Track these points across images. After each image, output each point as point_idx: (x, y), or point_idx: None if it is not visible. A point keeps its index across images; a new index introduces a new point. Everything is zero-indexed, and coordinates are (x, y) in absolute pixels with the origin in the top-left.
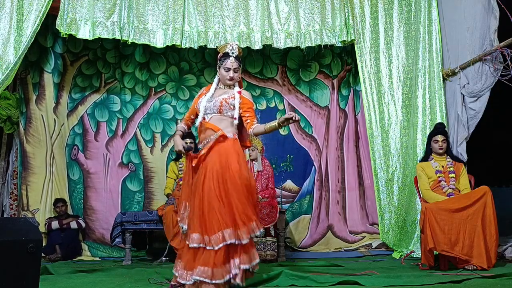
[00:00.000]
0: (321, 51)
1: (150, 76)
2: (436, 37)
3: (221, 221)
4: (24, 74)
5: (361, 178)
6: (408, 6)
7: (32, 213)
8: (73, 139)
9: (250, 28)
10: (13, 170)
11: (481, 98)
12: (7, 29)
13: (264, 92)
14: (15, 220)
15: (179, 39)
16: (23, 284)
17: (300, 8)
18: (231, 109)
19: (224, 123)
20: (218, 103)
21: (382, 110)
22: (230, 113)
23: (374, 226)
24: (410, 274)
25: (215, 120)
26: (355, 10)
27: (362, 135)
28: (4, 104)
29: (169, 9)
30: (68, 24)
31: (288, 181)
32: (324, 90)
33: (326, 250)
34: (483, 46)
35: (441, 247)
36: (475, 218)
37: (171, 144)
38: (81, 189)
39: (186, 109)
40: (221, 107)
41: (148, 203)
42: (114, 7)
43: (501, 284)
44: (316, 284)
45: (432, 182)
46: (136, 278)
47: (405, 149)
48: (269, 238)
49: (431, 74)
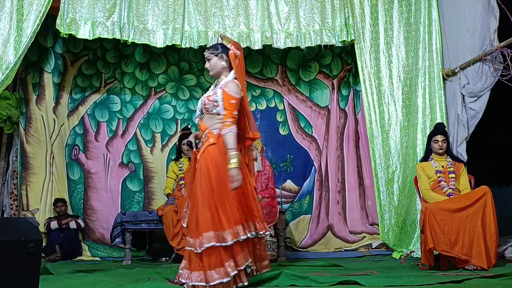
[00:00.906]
0: (321, 51)
1: (150, 76)
2: (436, 37)
3: (203, 224)
4: (24, 74)
5: (361, 178)
6: (408, 6)
7: (32, 213)
8: (73, 139)
9: (250, 28)
10: (13, 170)
11: (481, 98)
12: (7, 29)
13: (264, 92)
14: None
15: (179, 39)
16: (23, 284)
17: (300, 8)
18: (215, 107)
19: (213, 120)
20: (203, 102)
21: (382, 110)
22: (215, 110)
23: (374, 226)
24: (410, 274)
25: (205, 119)
26: (355, 10)
27: (362, 135)
28: (4, 104)
29: (169, 9)
30: (68, 24)
31: (288, 181)
32: (324, 90)
33: (326, 250)
34: (483, 46)
35: (440, 247)
36: (475, 218)
37: (171, 144)
38: (81, 189)
39: (186, 109)
40: (205, 106)
41: (148, 203)
42: (114, 7)
43: (501, 284)
44: (316, 284)
45: (432, 182)
46: (136, 278)
47: (405, 149)
48: (269, 238)
49: (431, 74)
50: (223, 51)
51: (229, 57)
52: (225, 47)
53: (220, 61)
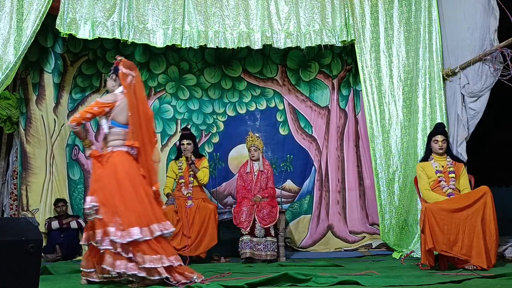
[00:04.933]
0: (321, 51)
1: (150, 76)
2: (436, 37)
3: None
4: (24, 74)
5: (361, 178)
6: (408, 6)
7: (32, 213)
8: (73, 139)
9: (250, 28)
10: (13, 170)
11: (481, 98)
12: (7, 29)
13: (264, 92)
14: (15, 220)
15: (179, 38)
16: (23, 284)
17: (300, 8)
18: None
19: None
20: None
21: (383, 110)
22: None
23: (374, 226)
24: (410, 274)
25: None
26: (355, 10)
27: (362, 135)
28: (4, 104)
29: (169, 8)
30: (68, 24)
31: (288, 181)
32: (324, 90)
33: (326, 250)
34: (483, 46)
35: (440, 247)
36: (475, 218)
37: (171, 144)
38: (82, 189)
39: (186, 108)
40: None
41: None
42: (114, 7)
43: (501, 284)
44: (316, 284)
45: (432, 182)
46: None
47: (406, 149)
48: (269, 238)
49: (431, 74)
50: (114, 71)
51: (119, 76)
52: (116, 68)
53: (111, 82)
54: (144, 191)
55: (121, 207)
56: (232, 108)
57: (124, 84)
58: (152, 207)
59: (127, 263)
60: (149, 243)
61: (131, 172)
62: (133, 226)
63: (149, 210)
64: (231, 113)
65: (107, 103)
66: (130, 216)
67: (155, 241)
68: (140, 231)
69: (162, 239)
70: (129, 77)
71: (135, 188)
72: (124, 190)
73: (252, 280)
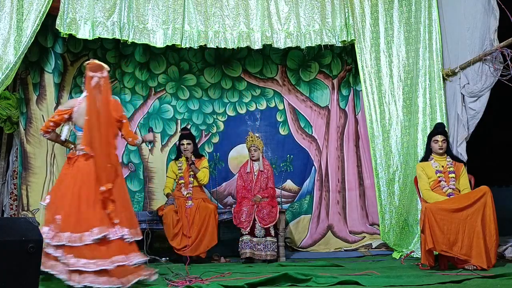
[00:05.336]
0: (321, 51)
1: (150, 76)
2: (436, 37)
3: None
4: (24, 74)
5: (361, 178)
6: (408, 6)
7: (32, 213)
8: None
9: (250, 28)
10: (13, 170)
11: (481, 98)
12: (7, 29)
13: (264, 92)
14: (15, 220)
15: (179, 38)
16: (23, 284)
17: (300, 8)
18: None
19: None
20: None
21: (383, 110)
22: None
23: (374, 226)
24: (410, 274)
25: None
26: (355, 10)
27: (362, 135)
28: (4, 104)
29: (169, 8)
30: (68, 24)
31: (288, 181)
32: (324, 90)
33: (326, 250)
34: (483, 46)
35: (440, 247)
36: (475, 218)
37: (171, 144)
38: None
39: (186, 108)
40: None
41: (148, 203)
42: (114, 7)
43: (501, 284)
44: (316, 284)
45: (432, 182)
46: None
47: (406, 149)
48: (269, 238)
49: (431, 74)
50: (84, 75)
51: (86, 79)
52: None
53: (83, 86)
54: (89, 196)
55: (66, 209)
56: (232, 108)
57: (87, 87)
58: (95, 212)
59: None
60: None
61: (89, 177)
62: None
63: (90, 216)
64: (231, 113)
65: (65, 110)
66: (69, 220)
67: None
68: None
69: (96, 245)
70: (94, 79)
71: (86, 192)
72: (74, 194)
73: (252, 280)
